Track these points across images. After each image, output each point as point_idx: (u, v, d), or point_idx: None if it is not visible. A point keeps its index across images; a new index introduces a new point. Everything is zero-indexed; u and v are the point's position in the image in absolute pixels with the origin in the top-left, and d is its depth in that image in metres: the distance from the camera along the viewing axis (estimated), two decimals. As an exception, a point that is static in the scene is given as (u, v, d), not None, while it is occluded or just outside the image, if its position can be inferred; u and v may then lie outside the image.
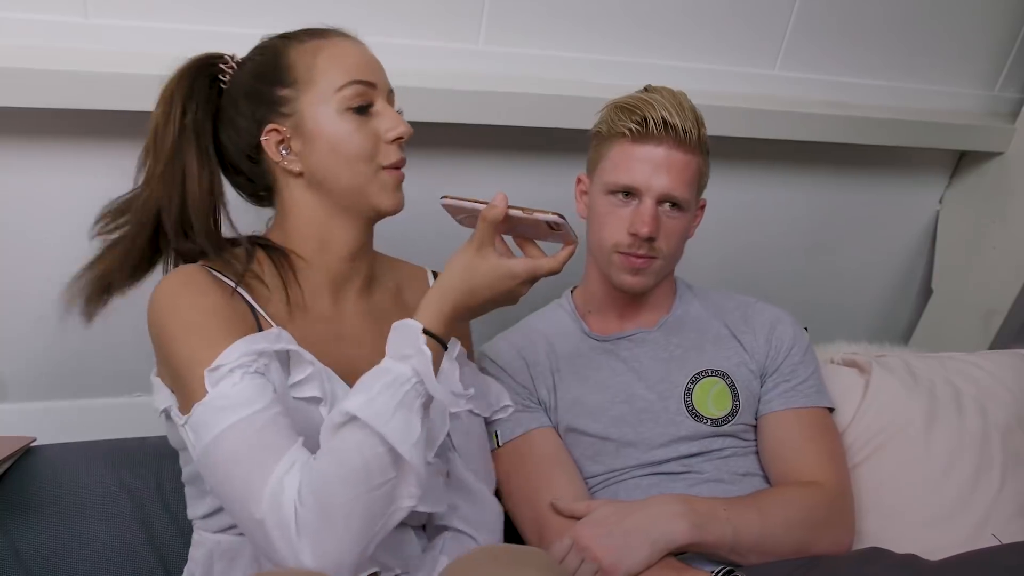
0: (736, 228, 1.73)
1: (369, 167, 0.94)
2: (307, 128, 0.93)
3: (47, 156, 1.17)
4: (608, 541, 0.98)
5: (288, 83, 0.93)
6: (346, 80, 0.92)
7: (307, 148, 0.93)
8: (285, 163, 0.94)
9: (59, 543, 1.09)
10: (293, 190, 0.96)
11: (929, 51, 1.76)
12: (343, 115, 0.92)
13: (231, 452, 0.80)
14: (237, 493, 0.80)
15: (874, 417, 1.26)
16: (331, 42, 0.95)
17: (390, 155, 0.95)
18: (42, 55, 1.09)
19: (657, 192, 1.11)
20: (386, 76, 0.98)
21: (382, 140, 0.94)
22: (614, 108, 1.15)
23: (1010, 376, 1.34)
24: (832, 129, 1.65)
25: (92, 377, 1.33)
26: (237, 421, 0.80)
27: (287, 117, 0.93)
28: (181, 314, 0.86)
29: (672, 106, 1.11)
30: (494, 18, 1.36)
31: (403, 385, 0.81)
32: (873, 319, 2.07)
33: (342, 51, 0.94)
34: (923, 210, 1.97)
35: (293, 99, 0.93)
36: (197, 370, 0.82)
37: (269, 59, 0.95)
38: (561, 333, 1.23)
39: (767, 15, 1.57)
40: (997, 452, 1.24)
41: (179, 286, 0.88)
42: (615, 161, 1.14)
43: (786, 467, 1.12)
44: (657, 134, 1.10)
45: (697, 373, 1.17)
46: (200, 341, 0.84)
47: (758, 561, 1.02)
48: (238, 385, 0.81)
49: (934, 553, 1.03)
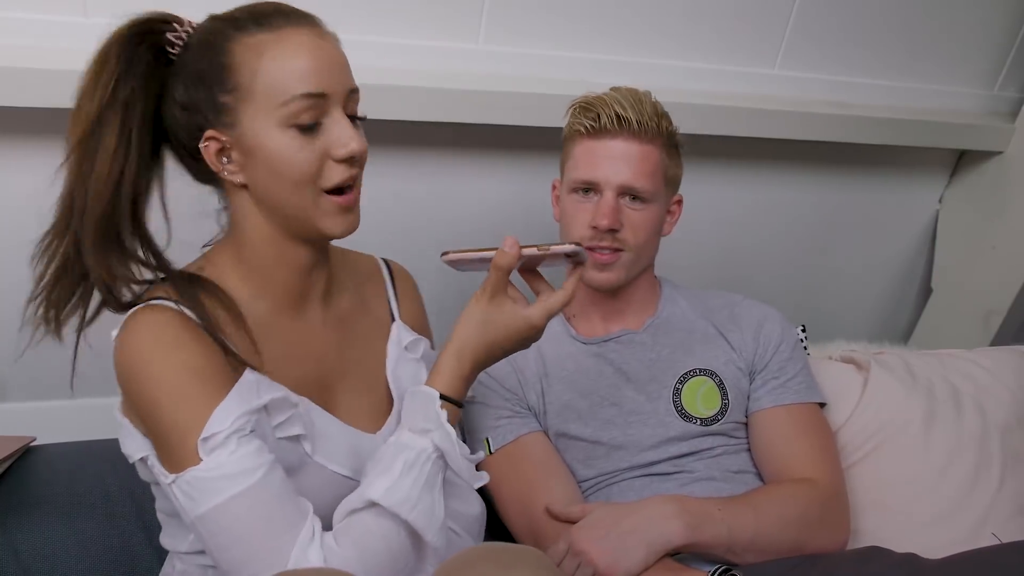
0: (735, 227, 1.73)
1: (312, 190, 0.83)
2: (247, 143, 0.82)
3: (47, 156, 1.16)
4: (604, 544, 0.98)
5: (229, 88, 0.81)
6: (291, 94, 0.80)
7: (248, 163, 0.83)
8: (226, 173, 0.84)
9: (58, 543, 1.09)
10: (241, 200, 0.87)
11: (929, 50, 1.76)
12: (286, 131, 0.81)
13: (237, 521, 0.77)
14: (247, 560, 0.77)
15: (873, 415, 1.26)
16: (280, 36, 0.81)
17: (332, 176, 0.83)
18: (42, 55, 1.08)
19: (615, 184, 1.12)
20: (348, 75, 0.85)
21: (329, 158, 0.83)
22: (573, 109, 1.17)
23: (1010, 374, 1.34)
24: (832, 128, 1.65)
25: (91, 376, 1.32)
26: (240, 492, 0.77)
27: (227, 127, 0.82)
28: (158, 379, 0.79)
29: (628, 102, 1.12)
30: (494, 17, 1.36)
31: (425, 464, 0.79)
32: (873, 318, 2.07)
33: (292, 51, 0.81)
34: (923, 209, 1.98)
35: (233, 108, 0.81)
36: (186, 439, 0.77)
37: (211, 54, 0.82)
38: (548, 338, 1.21)
39: (767, 15, 1.57)
40: (996, 451, 1.24)
41: (149, 344, 0.80)
42: (576, 159, 1.16)
43: (779, 464, 1.13)
44: (612, 128, 1.12)
45: (685, 373, 1.17)
46: (184, 407, 0.78)
47: (754, 560, 1.02)
48: (235, 453, 0.77)
49: (933, 552, 1.03)
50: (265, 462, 0.79)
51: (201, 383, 0.79)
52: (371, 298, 1.01)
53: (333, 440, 0.89)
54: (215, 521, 0.77)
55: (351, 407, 0.94)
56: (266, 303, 0.89)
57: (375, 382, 0.97)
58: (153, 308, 0.82)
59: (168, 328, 0.80)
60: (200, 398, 0.78)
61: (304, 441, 0.86)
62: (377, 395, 0.97)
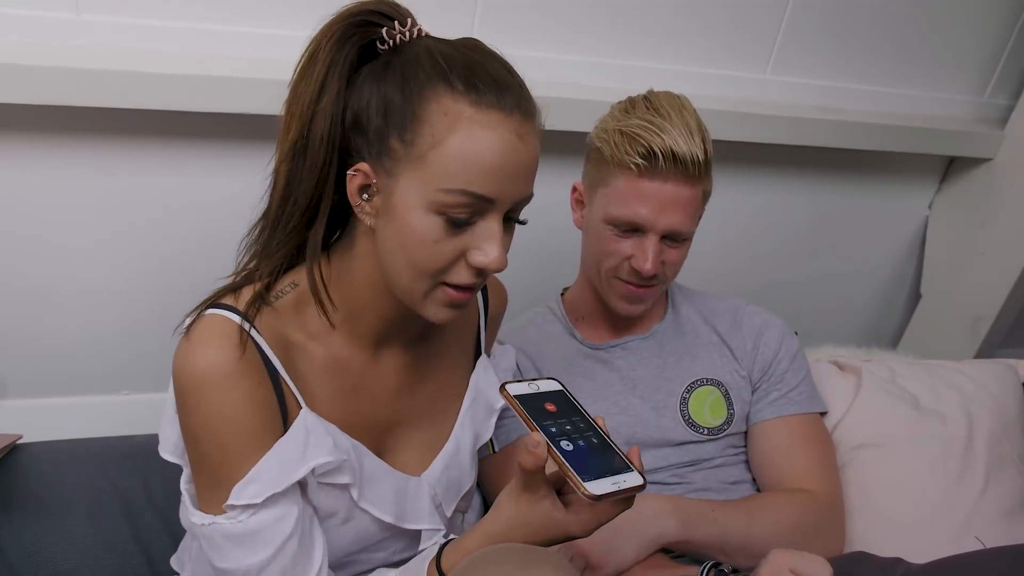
0: (725, 231, 1.73)
1: (433, 280, 0.77)
2: (392, 200, 0.74)
3: (38, 153, 1.16)
4: (596, 538, 0.98)
5: (404, 137, 0.73)
6: (459, 187, 0.72)
7: (384, 216, 0.76)
8: (360, 210, 0.77)
9: (44, 541, 1.08)
10: (362, 235, 0.80)
11: (919, 57, 1.77)
12: (432, 216, 0.73)
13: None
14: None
15: (859, 421, 1.27)
16: (483, 118, 0.72)
17: (460, 276, 0.76)
18: (33, 51, 1.08)
19: (662, 230, 1.06)
20: (529, 183, 0.76)
21: (464, 258, 0.76)
22: (619, 134, 1.06)
23: (994, 384, 1.35)
24: (822, 134, 1.65)
25: (81, 375, 1.32)
26: (259, 561, 0.78)
27: (383, 171, 0.75)
28: (203, 415, 0.75)
29: (680, 132, 1.03)
30: (486, 20, 1.36)
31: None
32: (862, 323, 2.08)
33: (487, 144, 0.71)
34: (912, 215, 1.98)
35: (399, 159, 0.73)
36: (218, 488, 0.77)
37: (408, 89, 0.73)
38: (553, 341, 1.22)
39: (759, 20, 1.58)
40: (981, 457, 1.24)
41: (204, 374, 0.75)
42: (619, 193, 1.06)
43: (778, 474, 1.13)
44: (665, 169, 1.03)
45: (692, 382, 1.16)
46: (222, 454, 0.76)
47: (746, 564, 1.02)
48: (262, 518, 0.77)
49: (918, 555, 1.03)
50: (289, 525, 0.78)
51: (244, 437, 0.76)
52: (465, 328, 0.99)
53: (380, 486, 0.88)
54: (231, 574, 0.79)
55: (407, 444, 0.92)
56: (343, 337, 0.85)
57: (442, 415, 0.96)
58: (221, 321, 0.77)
59: (227, 355, 0.75)
60: (241, 451, 0.76)
61: (352, 489, 0.84)
62: (439, 430, 0.95)
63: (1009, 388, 1.36)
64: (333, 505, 0.84)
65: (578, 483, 0.68)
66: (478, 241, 0.75)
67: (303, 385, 0.82)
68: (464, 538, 0.81)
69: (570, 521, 0.74)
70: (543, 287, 1.33)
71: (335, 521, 0.85)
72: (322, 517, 0.84)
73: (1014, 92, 1.91)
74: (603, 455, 0.72)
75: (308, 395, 0.82)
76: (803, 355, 1.22)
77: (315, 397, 0.83)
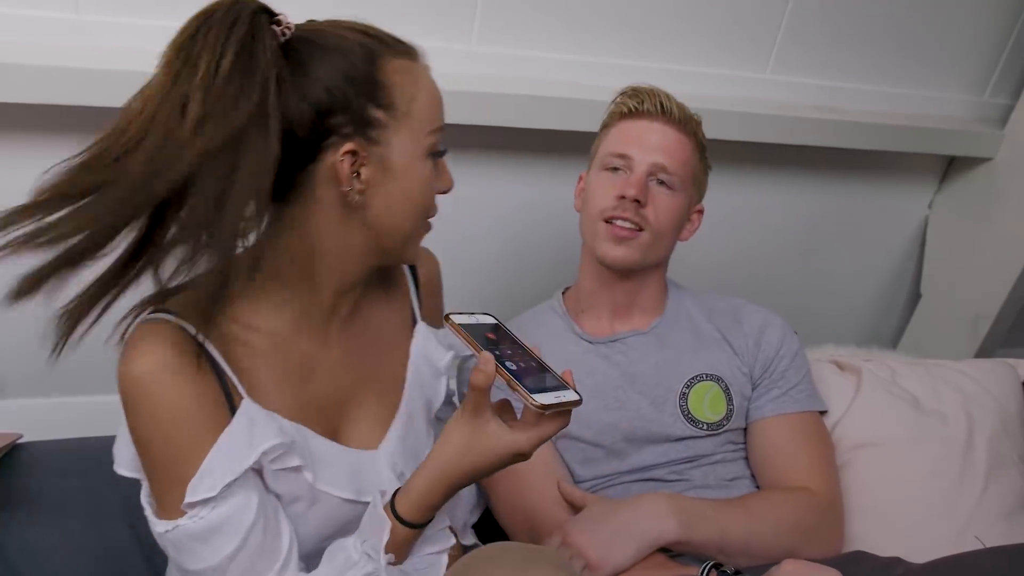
0: (725, 231, 1.73)
1: (424, 220, 0.87)
2: (392, 164, 0.81)
3: (36, 152, 1.16)
4: (596, 537, 0.99)
5: (383, 105, 0.79)
6: (436, 124, 0.83)
7: (380, 184, 0.81)
8: (349, 188, 0.80)
9: (45, 541, 1.08)
10: (327, 217, 0.82)
11: (919, 56, 1.77)
12: (426, 160, 0.83)
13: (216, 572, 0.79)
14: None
15: (859, 420, 1.27)
16: (415, 64, 0.83)
17: (435, 208, 0.88)
18: (32, 51, 1.08)
19: (649, 161, 1.13)
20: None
21: (435, 191, 0.86)
22: (619, 96, 1.20)
23: (994, 383, 1.35)
24: (822, 133, 1.66)
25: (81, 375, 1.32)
26: (228, 554, 0.78)
27: (374, 144, 0.79)
28: (148, 414, 0.77)
29: (670, 98, 1.17)
30: (487, 19, 1.36)
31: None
32: (862, 323, 2.08)
33: (429, 83, 0.84)
34: (912, 215, 1.99)
35: (386, 126, 0.79)
36: (173, 489, 0.77)
37: (359, 64, 0.78)
38: (552, 336, 1.22)
39: (759, 19, 1.58)
40: (981, 456, 1.24)
41: (144, 374, 0.76)
42: (612, 136, 1.18)
43: (777, 473, 1.13)
44: (653, 111, 1.15)
45: (692, 377, 1.16)
46: (172, 453, 0.77)
47: (746, 564, 1.02)
48: (223, 511, 0.77)
49: (918, 555, 1.03)
50: (251, 515, 0.79)
51: (192, 432, 0.77)
52: (397, 299, 1.01)
53: (333, 465, 0.88)
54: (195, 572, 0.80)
55: (359, 419, 0.93)
56: (281, 322, 0.86)
57: (390, 386, 0.96)
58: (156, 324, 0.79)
59: (167, 354, 0.77)
60: (191, 447, 0.77)
61: (305, 471, 0.85)
62: (389, 401, 0.96)
63: (1009, 388, 1.36)
64: (294, 489, 0.84)
65: (527, 395, 0.75)
66: (439, 171, 0.86)
67: (246, 376, 0.83)
68: (414, 478, 0.82)
69: (518, 439, 0.78)
70: (543, 287, 1.33)
71: (301, 506, 0.85)
72: (288, 503, 0.85)
73: (1014, 92, 1.91)
74: (542, 375, 0.79)
75: (252, 385, 0.83)
76: (803, 354, 1.22)
77: (260, 386, 0.84)
